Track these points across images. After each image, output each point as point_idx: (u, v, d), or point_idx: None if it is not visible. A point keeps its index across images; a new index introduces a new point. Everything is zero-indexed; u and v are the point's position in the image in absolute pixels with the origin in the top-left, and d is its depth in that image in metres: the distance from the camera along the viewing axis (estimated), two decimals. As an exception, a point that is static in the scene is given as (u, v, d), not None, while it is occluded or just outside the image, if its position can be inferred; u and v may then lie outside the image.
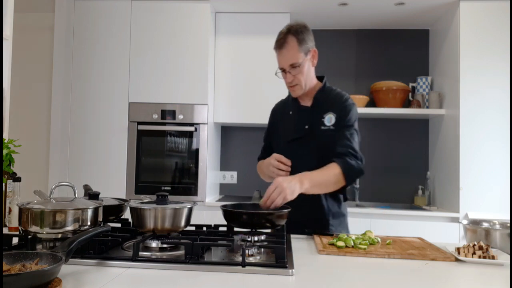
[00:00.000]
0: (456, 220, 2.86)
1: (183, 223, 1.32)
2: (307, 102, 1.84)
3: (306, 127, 1.78)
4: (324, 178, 1.62)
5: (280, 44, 1.73)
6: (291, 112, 1.86)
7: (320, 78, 1.91)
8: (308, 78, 1.80)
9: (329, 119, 1.76)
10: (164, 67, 3.11)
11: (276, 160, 1.69)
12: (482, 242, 1.36)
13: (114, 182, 3.06)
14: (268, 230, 1.44)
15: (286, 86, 1.83)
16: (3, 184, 1.48)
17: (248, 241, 1.34)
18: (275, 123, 1.95)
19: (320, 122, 1.76)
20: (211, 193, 3.27)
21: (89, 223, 1.25)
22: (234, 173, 3.63)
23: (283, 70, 1.77)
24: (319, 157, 1.71)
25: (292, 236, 1.61)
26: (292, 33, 1.71)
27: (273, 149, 1.90)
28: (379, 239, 1.53)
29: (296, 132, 1.80)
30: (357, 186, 3.48)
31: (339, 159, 1.66)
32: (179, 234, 1.36)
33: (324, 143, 1.74)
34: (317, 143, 1.75)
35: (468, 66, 2.91)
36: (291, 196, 1.48)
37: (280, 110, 1.95)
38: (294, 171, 1.67)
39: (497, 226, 1.54)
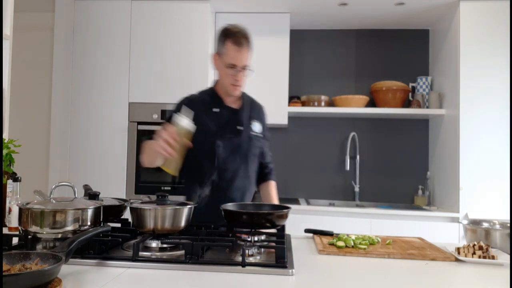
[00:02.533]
0: (456, 220, 2.86)
1: (183, 223, 1.32)
2: (232, 104, 1.86)
3: (239, 127, 1.82)
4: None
5: (240, 42, 1.74)
6: (216, 110, 1.83)
7: None
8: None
9: (256, 126, 1.89)
10: (164, 67, 3.11)
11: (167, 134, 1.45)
12: (482, 242, 1.36)
13: (114, 182, 3.06)
14: (268, 230, 1.44)
15: (225, 83, 1.80)
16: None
17: (248, 241, 1.34)
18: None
19: (249, 126, 1.86)
20: (211, 193, 3.26)
21: (89, 223, 1.25)
22: (234, 173, 3.63)
23: (233, 67, 1.75)
24: (244, 158, 1.82)
25: (292, 236, 1.61)
26: (246, 38, 1.77)
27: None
28: (379, 239, 1.53)
29: (229, 131, 1.81)
30: (357, 186, 3.48)
31: (271, 174, 2.00)
32: (179, 234, 1.36)
33: (252, 147, 1.85)
34: (247, 145, 1.83)
35: (468, 66, 2.91)
36: None
37: (197, 105, 1.82)
38: (220, 168, 1.76)
39: (497, 226, 1.54)
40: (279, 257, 1.15)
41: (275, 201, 1.96)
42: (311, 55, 3.65)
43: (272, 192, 1.97)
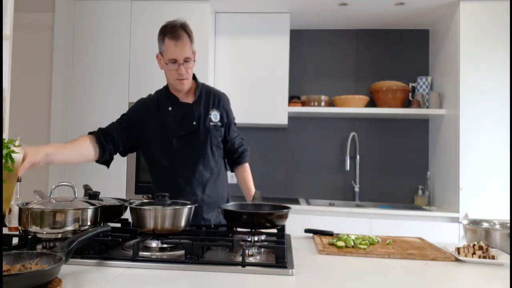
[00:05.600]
0: (456, 220, 2.86)
1: (183, 223, 1.32)
2: (186, 99, 1.87)
3: (194, 123, 1.82)
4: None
5: (176, 36, 1.72)
6: (170, 108, 1.85)
7: None
8: (191, 74, 1.86)
9: (215, 116, 1.87)
10: (164, 67, 3.10)
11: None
12: (482, 242, 1.36)
13: (114, 182, 3.06)
14: (268, 230, 1.44)
15: (170, 79, 1.82)
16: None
17: (248, 241, 1.34)
18: (145, 116, 1.87)
19: (206, 118, 1.85)
20: (211, 193, 3.26)
21: (89, 223, 1.25)
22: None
23: (174, 61, 1.74)
24: (205, 152, 1.83)
25: (292, 236, 1.61)
26: (185, 30, 1.75)
27: (142, 143, 1.87)
28: (379, 239, 1.53)
29: (184, 128, 1.82)
30: (357, 186, 3.48)
31: (244, 156, 1.99)
32: (179, 234, 1.36)
33: (209, 138, 1.85)
34: (204, 138, 1.83)
35: (468, 66, 2.91)
36: None
37: (151, 106, 1.89)
38: (181, 166, 1.80)
39: (497, 226, 1.54)
40: (279, 257, 1.15)
41: (249, 182, 1.99)
42: (311, 55, 3.65)
43: (245, 175, 2.00)
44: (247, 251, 1.20)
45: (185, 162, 1.82)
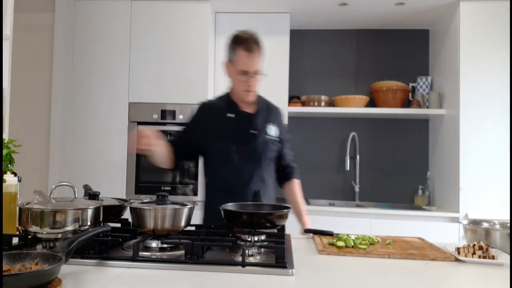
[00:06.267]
0: (456, 220, 2.86)
1: (183, 223, 1.32)
2: (247, 109, 1.88)
3: (253, 132, 1.83)
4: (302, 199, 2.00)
5: (250, 48, 1.75)
6: (231, 115, 1.86)
7: None
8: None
9: (271, 130, 1.89)
10: (164, 67, 3.11)
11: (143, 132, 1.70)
12: (482, 242, 1.36)
13: (114, 182, 3.06)
14: (268, 230, 1.44)
15: (238, 90, 1.84)
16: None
17: (248, 241, 1.34)
18: (204, 121, 1.91)
19: (264, 131, 1.87)
20: (211, 193, 3.26)
21: (89, 223, 1.25)
22: (234, 173, 3.63)
23: (245, 73, 1.77)
24: (259, 164, 1.84)
25: (292, 236, 1.61)
26: (257, 43, 1.78)
27: (199, 147, 1.90)
28: (379, 239, 1.53)
29: (242, 136, 1.83)
30: (357, 186, 3.48)
31: (294, 173, 2.01)
32: (179, 234, 1.36)
33: (267, 151, 1.86)
34: (261, 149, 1.84)
35: (468, 66, 2.91)
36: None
37: (213, 110, 1.92)
38: (234, 173, 1.81)
39: (497, 226, 1.54)
40: (279, 257, 1.15)
41: (299, 198, 1.98)
42: (311, 55, 3.65)
43: (295, 190, 2.00)
44: (247, 251, 1.20)
45: (239, 171, 1.82)
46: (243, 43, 1.76)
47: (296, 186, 2.01)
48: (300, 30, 3.63)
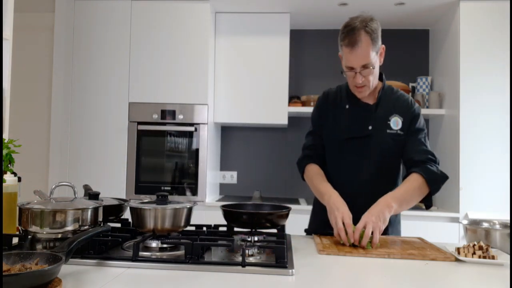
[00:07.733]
0: (456, 220, 2.86)
1: (183, 223, 1.32)
2: (367, 99, 1.70)
3: (370, 127, 1.65)
4: (409, 194, 1.56)
5: (352, 42, 1.55)
6: (347, 106, 1.71)
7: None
8: (375, 78, 1.65)
9: (395, 122, 1.66)
10: (164, 67, 3.11)
11: (342, 222, 1.45)
12: (482, 242, 1.36)
13: (114, 182, 3.06)
14: (268, 230, 1.44)
15: (349, 85, 1.68)
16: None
17: (248, 241, 1.34)
18: (323, 115, 1.77)
19: (385, 124, 1.66)
20: (211, 193, 3.26)
21: (89, 223, 1.25)
22: (234, 173, 3.64)
23: (351, 69, 1.60)
24: (379, 161, 1.66)
25: (292, 236, 1.61)
26: (366, 31, 1.55)
27: (324, 145, 1.75)
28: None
29: (356, 130, 1.66)
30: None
31: (418, 167, 1.60)
32: (179, 234, 1.36)
33: (388, 148, 1.66)
34: (379, 147, 1.65)
35: (468, 66, 2.91)
36: (385, 224, 1.45)
37: (331, 102, 1.77)
38: (350, 172, 1.66)
39: (497, 226, 1.54)
40: (279, 257, 1.15)
41: (402, 186, 1.61)
42: (311, 55, 3.65)
43: (405, 181, 1.63)
44: (247, 251, 1.20)
45: (348, 169, 1.67)
46: (346, 37, 1.57)
47: (411, 178, 1.61)
48: (300, 30, 3.63)
